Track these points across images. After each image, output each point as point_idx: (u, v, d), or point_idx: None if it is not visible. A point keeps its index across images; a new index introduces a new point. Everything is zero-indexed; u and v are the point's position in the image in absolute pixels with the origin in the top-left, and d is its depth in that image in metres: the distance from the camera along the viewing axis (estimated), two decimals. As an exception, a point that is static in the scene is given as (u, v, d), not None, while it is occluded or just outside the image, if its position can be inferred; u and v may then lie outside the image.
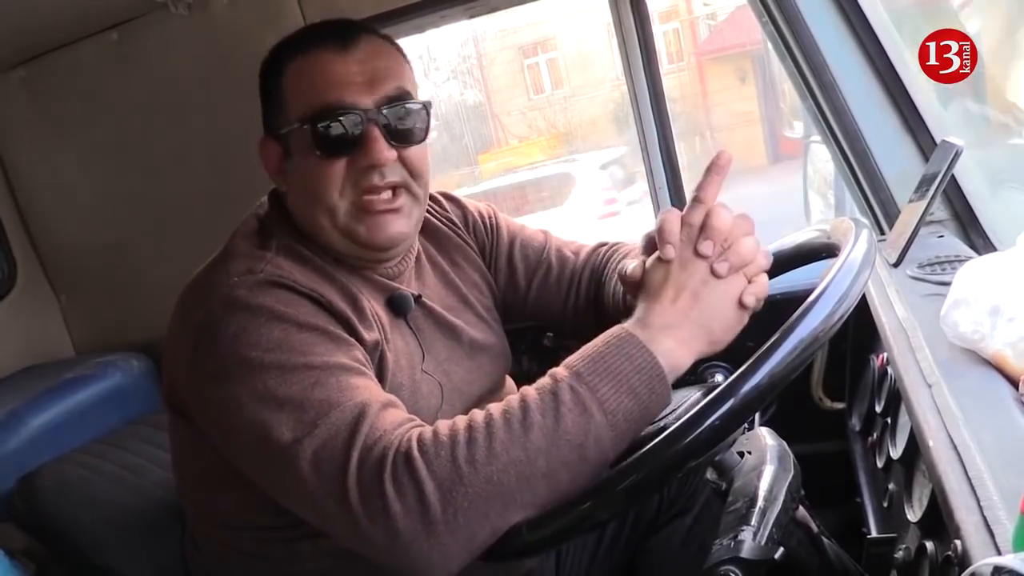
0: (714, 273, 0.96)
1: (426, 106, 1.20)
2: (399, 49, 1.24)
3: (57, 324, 2.40)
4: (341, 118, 1.12)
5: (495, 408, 0.92)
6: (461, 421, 0.92)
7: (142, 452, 1.66)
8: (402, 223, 1.18)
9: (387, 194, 1.16)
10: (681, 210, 1.01)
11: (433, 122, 1.25)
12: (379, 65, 1.16)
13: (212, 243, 1.21)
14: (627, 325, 0.96)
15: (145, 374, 2.14)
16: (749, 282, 0.99)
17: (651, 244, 1.02)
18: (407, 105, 1.16)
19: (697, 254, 0.97)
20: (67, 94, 2.17)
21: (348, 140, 1.13)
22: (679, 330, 0.95)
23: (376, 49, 1.17)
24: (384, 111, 1.14)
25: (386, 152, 1.12)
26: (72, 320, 2.41)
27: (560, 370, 0.93)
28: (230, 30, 1.93)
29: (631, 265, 1.05)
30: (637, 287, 1.01)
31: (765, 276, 1.01)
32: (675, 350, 0.94)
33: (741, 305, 0.98)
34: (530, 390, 0.93)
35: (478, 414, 0.92)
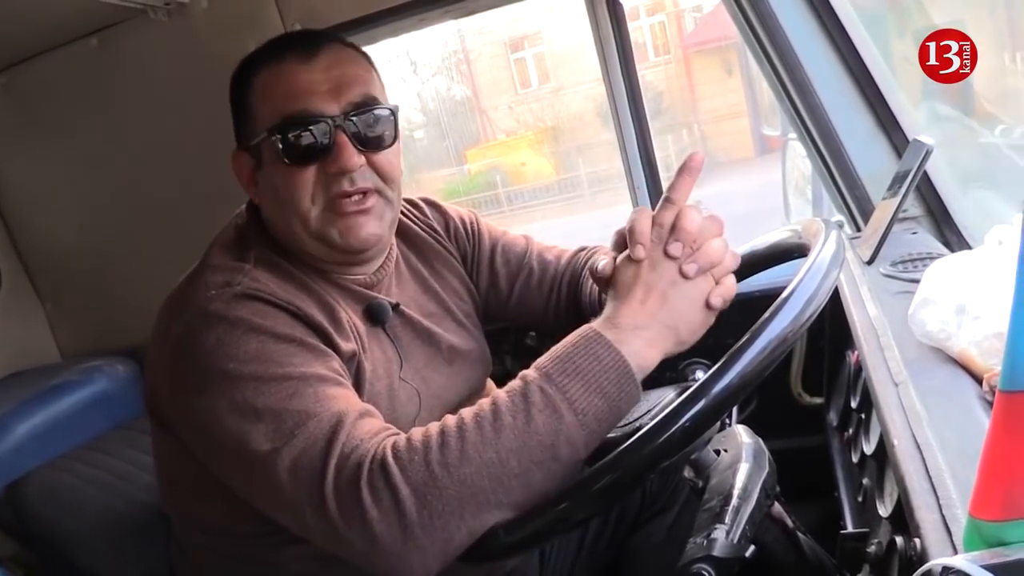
0: (683, 274, 0.98)
1: (393, 111, 1.21)
2: (365, 56, 1.25)
3: (42, 330, 2.40)
4: (309, 126, 1.13)
5: (467, 412, 0.94)
6: (434, 427, 0.93)
7: (129, 457, 1.67)
8: (374, 224, 1.19)
9: (358, 197, 1.17)
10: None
11: (420, 118, 1.27)
12: (345, 72, 1.18)
13: (195, 247, 1.22)
14: (596, 325, 0.97)
15: (131, 379, 2.13)
16: (717, 283, 1.00)
17: (622, 241, 1.04)
18: (374, 111, 1.18)
19: (667, 255, 0.98)
20: (49, 100, 2.17)
21: (317, 148, 1.14)
22: (647, 330, 0.96)
23: (341, 57, 1.19)
24: (351, 118, 1.15)
25: (355, 158, 1.14)
26: (57, 325, 2.41)
27: (530, 372, 0.95)
28: (209, 35, 1.93)
29: (602, 262, 1.06)
30: (607, 283, 1.03)
31: (732, 277, 1.02)
32: (643, 350, 0.95)
33: (708, 306, 0.99)
34: (501, 393, 0.94)
35: (451, 419, 0.94)
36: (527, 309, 1.50)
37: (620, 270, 1.01)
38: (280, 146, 1.14)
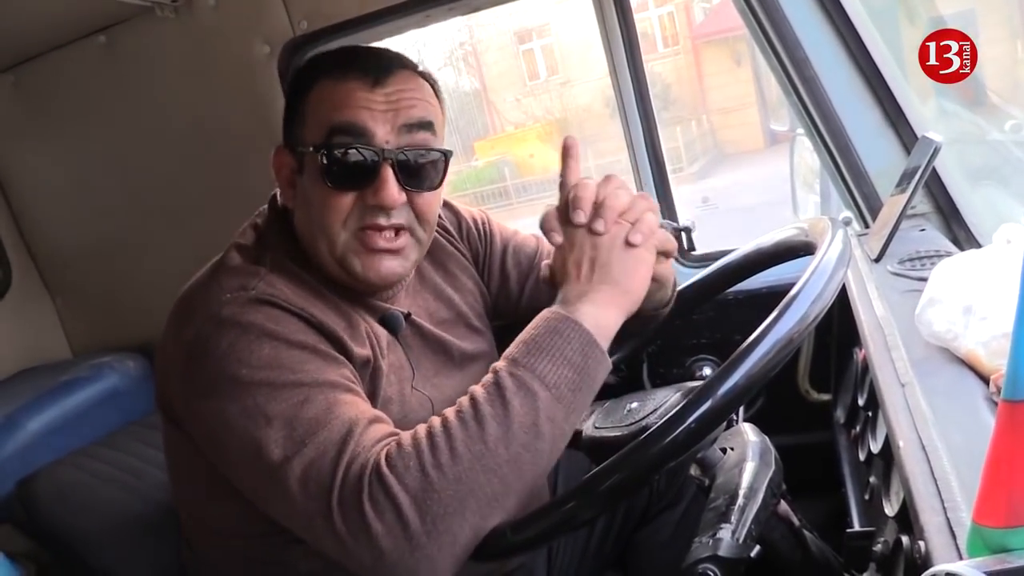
0: (594, 232, 1.02)
1: (446, 155, 1.20)
2: (433, 85, 1.24)
3: (53, 326, 2.42)
4: (355, 150, 1.12)
5: (449, 411, 0.96)
6: (422, 429, 0.95)
7: (140, 454, 1.68)
8: (398, 264, 1.19)
9: (390, 233, 1.16)
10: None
11: None
12: (405, 95, 1.16)
13: (203, 242, 1.24)
14: (550, 307, 1.02)
15: (141, 375, 2.15)
16: (634, 225, 1.04)
17: None
18: (427, 146, 1.17)
19: (575, 226, 1.04)
20: (57, 97, 2.18)
21: (359, 175, 1.13)
22: (592, 294, 1.00)
23: (407, 80, 1.18)
24: (402, 150, 1.14)
25: (396, 195, 1.13)
26: (68, 322, 2.43)
27: (499, 362, 0.98)
28: (216, 33, 1.93)
29: (543, 267, 1.12)
30: (554, 282, 1.07)
31: (651, 215, 1.06)
32: (596, 313, 0.99)
33: (630, 245, 1.02)
34: (477, 387, 0.97)
35: (435, 420, 0.95)
36: (538, 310, 1.49)
37: (553, 264, 1.07)
38: (324, 163, 1.13)
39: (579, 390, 0.96)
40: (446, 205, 1.50)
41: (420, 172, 1.17)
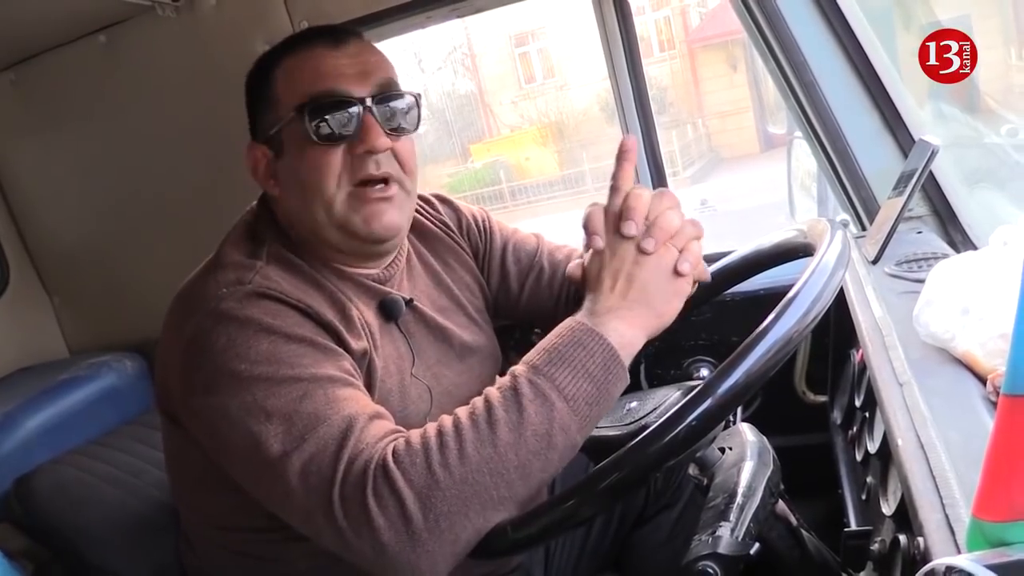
0: (642, 251, 1.01)
1: (416, 98, 1.23)
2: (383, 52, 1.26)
3: (50, 325, 2.41)
4: (337, 107, 1.14)
5: (462, 411, 0.96)
6: (432, 428, 0.95)
7: (137, 452, 1.68)
8: (395, 213, 1.20)
9: (381, 185, 1.18)
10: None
11: (425, 113, 1.28)
12: (369, 59, 1.19)
13: (202, 241, 1.23)
14: (576, 316, 1.00)
15: (139, 374, 2.15)
16: (681, 251, 1.03)
17: None
18: (401, 98, 1.20)
19: (623, 237, 1.02)
20: (57, 96, 2.18)
21: (345, 127, 1.15)
22: (623, 311, 0.99)
23: (365, 47, 1.21)
24: (379, 103, 1.16)
25: (383, 139, 1.15)
26: (65, 321, 2.43)
27: (518, 367, 0.98)
28: (217, 32, 1.93)
29: (573, 265, 1.11)
30: (583, 284, 1.06)
31: (697, 243, 1.05)
32: (623, 330, 0.98)
33: (677, 274, 1.02)
34: (492, 390, 0.97)
35: (447, 419, 0.95)
36: (537, 308, 1.51)
37: (589, 266, 1.06)
38: (309, 124, 1.14)
39: (596, 404, 0.96)
40: (445, 201, 1.51)
41: (399, 118, 1.20)
